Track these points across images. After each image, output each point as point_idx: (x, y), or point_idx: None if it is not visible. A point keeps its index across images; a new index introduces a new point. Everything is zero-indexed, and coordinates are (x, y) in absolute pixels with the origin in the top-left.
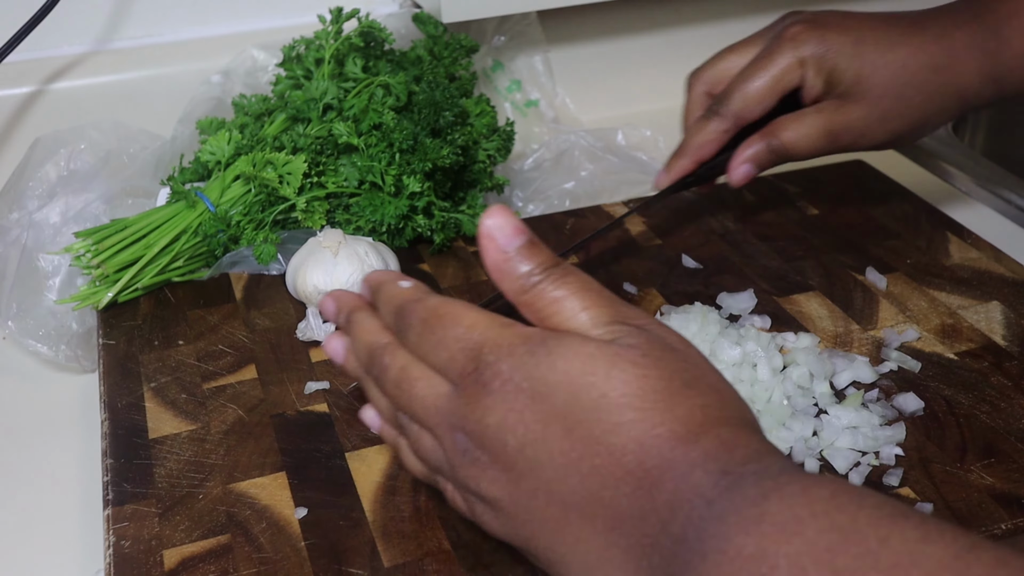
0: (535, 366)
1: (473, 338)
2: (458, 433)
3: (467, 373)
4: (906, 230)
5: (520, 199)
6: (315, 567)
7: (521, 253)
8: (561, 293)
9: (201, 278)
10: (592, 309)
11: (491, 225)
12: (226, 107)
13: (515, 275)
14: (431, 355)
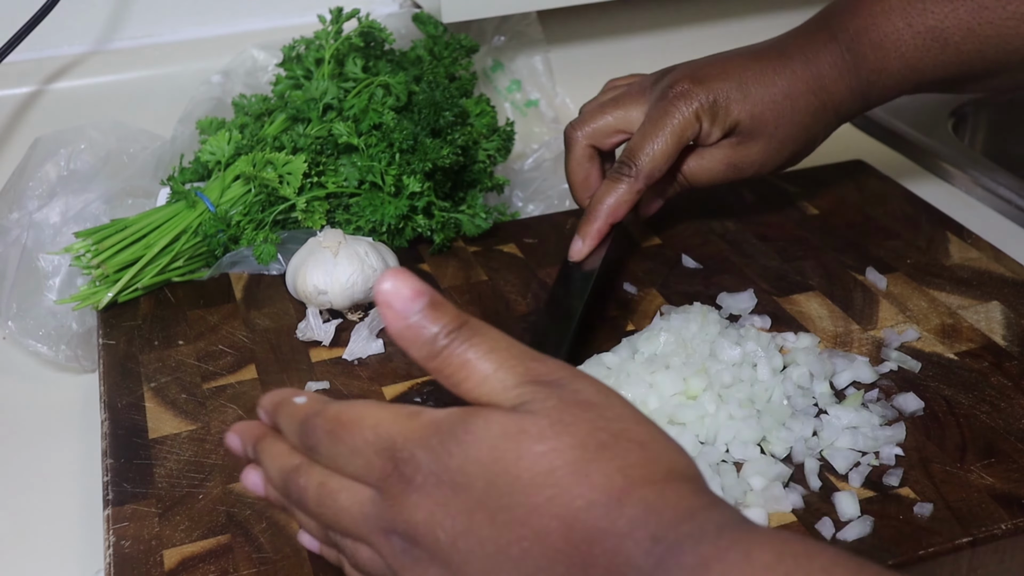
0: (449, 456)
1: (383, 438)
2: (392, 536)
3: (387, 474)
4: (906, 230)
5: (520, 199)
6: (315, 567)
7: (423, 317)
8: (470, 355)
9: (201, 278)
10: (501, 371)
11: (387, 291)
12: (226, 107)
13: (420, 341)
14: (346, 466)
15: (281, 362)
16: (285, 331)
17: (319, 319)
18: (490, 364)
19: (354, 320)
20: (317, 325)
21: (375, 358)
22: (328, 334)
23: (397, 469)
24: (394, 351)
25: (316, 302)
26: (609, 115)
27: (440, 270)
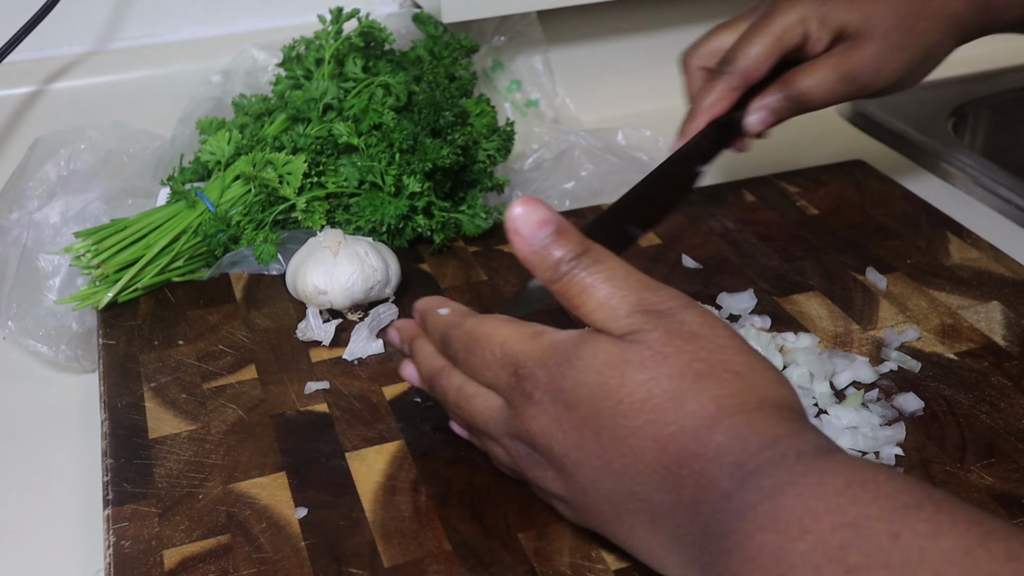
0: (563, 377)
1: (508, 355)
2: (516, 441)
3: (511, 387)
4: (906, 230)
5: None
6: (315, 567)
7: (550, 243)
8: (588, 281)
9: (201, 278)
10: (615, 298)
11: (517, 216)
12: (226, 107)
13: (545, 265)
14: (478, 374)
15: (281, 362)
16: (285, 331)
17: (319, 319)
18: (606, 291)
19: (354, 320)
20: (317, 325)
21: (375, 358)
22: (328, 334)
23: (519, 384)
24: (394, 351)
25: (316, 302)
26: (719, 37)
27: (440, 270)
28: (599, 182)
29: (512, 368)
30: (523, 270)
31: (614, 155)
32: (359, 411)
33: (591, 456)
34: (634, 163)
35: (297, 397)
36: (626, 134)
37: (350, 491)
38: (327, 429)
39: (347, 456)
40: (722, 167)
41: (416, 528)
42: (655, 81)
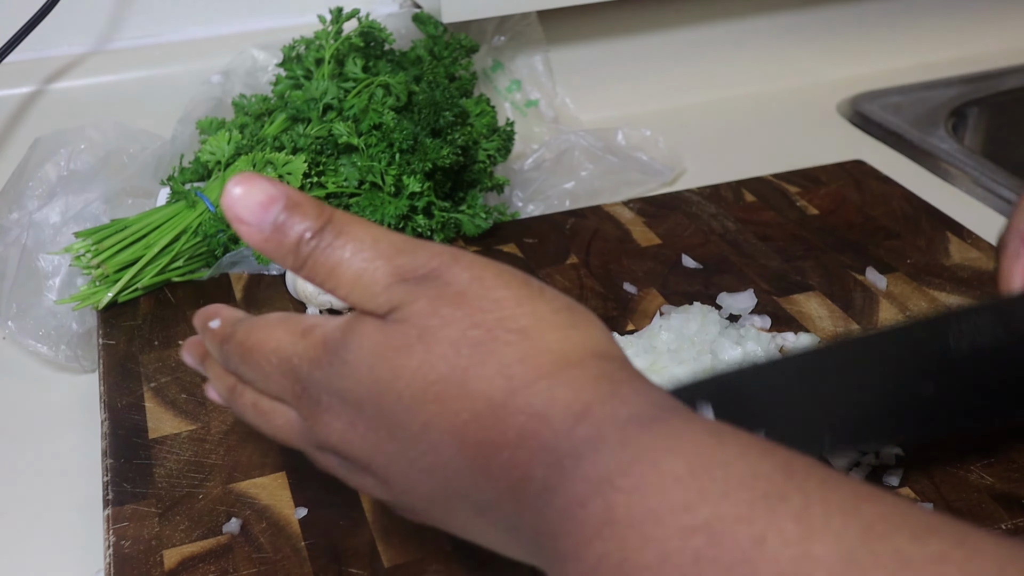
0: (339, 378)
1: (284, 360)
2: (326, 452)
3: (298, 396)
4: (906, 230)
5: (520, 199)
6: (315, 567)
7: (282, 222)
8: (336, 257)
9: (201, 278)
10: (368, 272)
11: (236, 201)
12: (226, 107)
13: (284, 251)
14: (264, 389)
15: None
16: None
17: None
18: (357, 265)
19: None
20: None
21: None
22: None
23: (305, 391)
24: None
25: (316, 302)
26: None
27: None
28: (599, 182)
29: (292, 375)
30: (560, 255)
31: (614, 155)
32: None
33: (394, 458)
34: (634, 163)
35: None
36: (626, 134)
37: (350, 491)
38: None
39: None
40: (722, 167)
41: (416, 528)
42: (655, 81)
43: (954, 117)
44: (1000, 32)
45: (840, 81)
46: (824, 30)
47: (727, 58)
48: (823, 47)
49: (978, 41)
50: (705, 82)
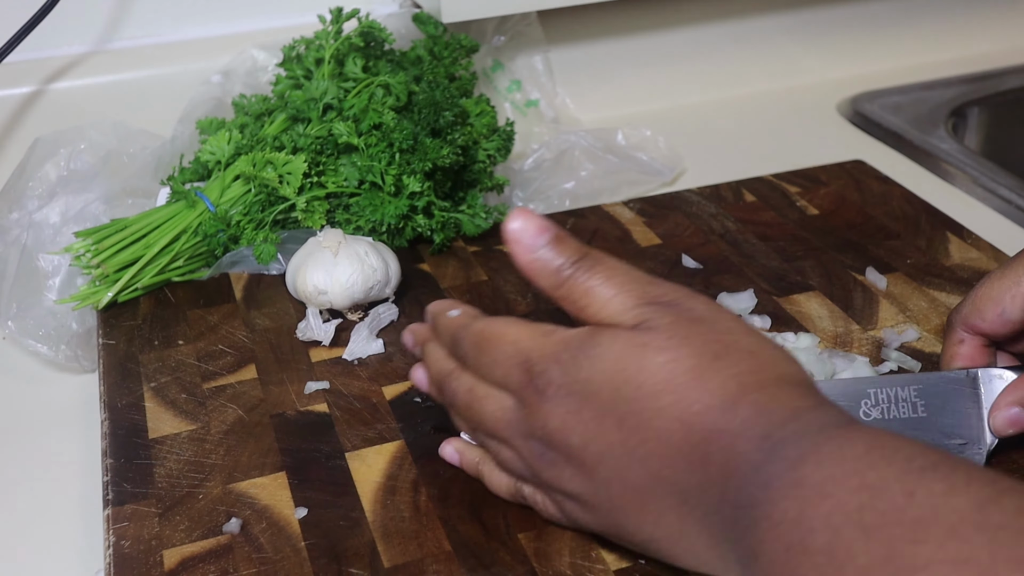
0: (578, 369)
1: (521, 352)
2: (531, 441)
3: (524, 384)
4: (906, 230)
5: (520, 199)
6: (315, 567)
7: (549, 250)
8: (592, 283)
9: (201, 278)
10: (620, 295)
11: (515, 229)
12: (226, 107)
13: (546, 273)
14: (489, 375)
15: (281, 362)
16: (285, 331)
17: (319, 319)
18: (611, 289)
19: (354, 320)
20: (317, 325)
21: (375, 358)
22: (328, 334)
23: (532, 381)
24: (394, 351)
25: (316, 302)
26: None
27: (440, 270)
28: (599, 182)
29: (524, 366)
30: None
31: (614, 155)
32: (359, 411)
33: (613, 445)
34: (634, 163)
35: (297, 397)
36: (626, 134)
37: (350, 491)
38: (327, 429)
39: (347, 456)
40: (722, 167)
41: (416, 528)
42: (655, 81)
43: (954, 117)
44: (1000, 32)
45: (840, 81)
46: (824, 30)
47: (727, 58)
48: (823, 47)
49: (978, 41)
50: (705, 82)
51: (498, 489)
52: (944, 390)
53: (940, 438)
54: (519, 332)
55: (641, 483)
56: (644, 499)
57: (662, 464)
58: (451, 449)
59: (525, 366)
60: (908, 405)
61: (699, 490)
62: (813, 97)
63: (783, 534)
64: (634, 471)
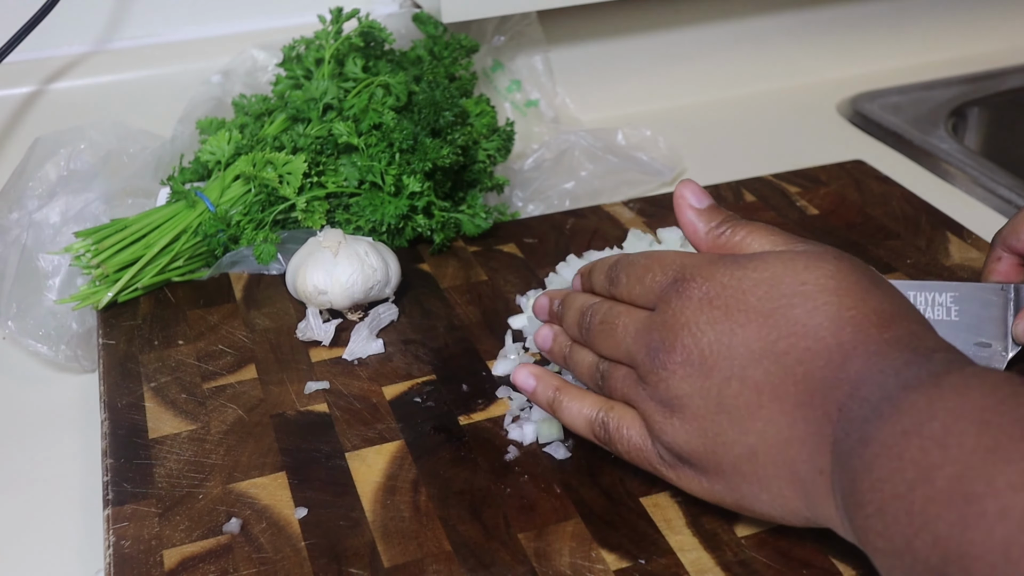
0: (738, 267)
1: (676, 262)
2: (653, 341)
3: (666, 287)
4: (906, 230)
5: (520, 199)
6: (315, 567)
7: (709, 211)
8: (747, 235)
9: (201, 278)
10: (778, 239)
11: (684, 190)
12: (226, 107)
13: (705, 227)
14: (638, 287)
15: (281, 362)
16: (285, 331)
17: (319, 319)
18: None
19: (354, 320)
20: (317, 325)
21: (375, 358)
22: (328, 334)
23: (677, 281)
24: (394, 351)
25: (316, 302)
26: None
27: (440, 270)
28: (599, 182)
29: (675, 272)
30: (560, 255)
31: (614, 155)
32: (359, 411)
33: (750, 339)
34: (634, 163)
35: (297, 397)
36: (626, 134)
37: (350, 491)
38: (327, 429)
39: (347, 456)
40: (722, 167)
41: (416, 528)
42: (655, 81)
43: (954, 117)
44: (1000, 32)
45: (840, 81)
46: (824, 30)
47: (727, 58)
48: (823, 47)
49: (978, 41)
50: (705, 82)
51: (575, 419)
52: (978, 298)
53: (968, 339)
54: (682, 251)
55: (766, 380)
56: (760, 400)
57: (799, 358)
58: (527, 373)
59: (677, 271)
60: (943, 309)
61: (829, 387)
62: (813, 97)
63: (907, 421)
64: (763, 367)
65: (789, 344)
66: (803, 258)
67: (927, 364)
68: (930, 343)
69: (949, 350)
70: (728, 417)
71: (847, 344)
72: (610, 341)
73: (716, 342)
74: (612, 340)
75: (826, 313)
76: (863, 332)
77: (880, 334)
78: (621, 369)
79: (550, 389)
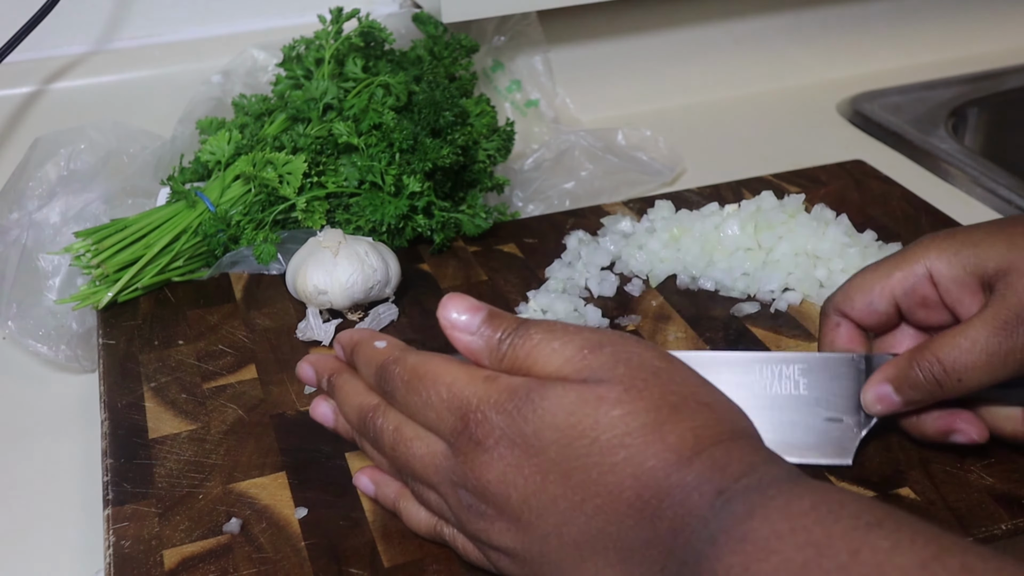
0: (524, 422)
1: (457, 396)
2: (460, 490)
3: (458, 432)
4: (906, 230)
5: (520, 199)
6: (315, 567)
7: (485, 326)
8: (532, 342)
9: (201, 278)
10: (565, 346)
11: (449, 314)
12: (226, 107)
13: (488, 348)
14: (419, 415)
15: (281, 362)
16: (285, 331)
17: (319, 319)
18: (554, 342)
19: (354, 320)
20: (317, 325)
21: None
22: (328, 334)
23: (468, 428)
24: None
25: (316, 302)
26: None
27: (440, 270)
28: (599, 182)
29: (460, 412)
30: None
31: (614, 155)
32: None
33: (557, 500)
34: (634, 163)
35: (297, 397)
36: (626, 134)
37: (350, 491)
38: (327, 429)
39: (347, 456)
40: (722, 167)
41: None
42: (655, 81)
43: (954, 117)
44: (1000, 32)
45: (840, 81)
46: (824, 30)
47: (727, 58)
48: (823, 47)
49: (978, 41)
50: (705, 82)
51: (416, 527)
52: (828, 370)
53: (818, 413)
54: (457, 374)
55: (583, 539)
56: (584, 555)
57: (609, 520)
58: (367, 480)
59: (462, 411)
60: (791, 382)
61: (645, 546)
62: (813, 97)
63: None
64: (576, 526)
65: (595, 507)
66: (589, 407)
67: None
68: (735, 469)
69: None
70: (555, 567)
71: (652, 501)
72: (408, 469)
73: (523, 503)
74: (410, 469)
75: (624, 471)
76: (665, 482)
77: (683, 478)
78: (431, 495)
79: (390, 498)
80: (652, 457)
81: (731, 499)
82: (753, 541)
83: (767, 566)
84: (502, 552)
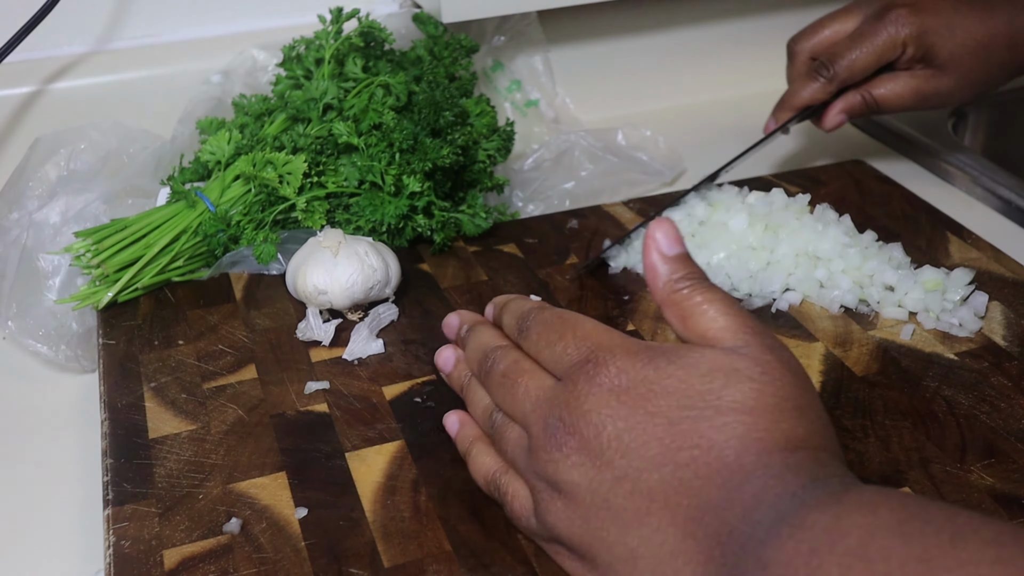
0: (653, 370)
1: (591, 336)
2: (552, 417)
3: (578, 364)
4: (906, 230)
5: (520, 199)
6: (315, 567)
7: (677, 261)
8: (704, 302)
9: (201, 278)
10: (730, 319)
11: (655, 233)
12: (226, 107)
13: (668, 277)
14: (547, 350)
15: (281, 362)
16: (285, 331)
17: (319, 319)
18: (721, 312)
19: (354, 320)
20: (317, 325)
21: (375, 358)
22: (328, 334)
23: (589, 362)
24: (394, 351)
25: (316, 302)
26: (827, 28)
27: (440, 270)
28: (599, 182)
29: (590, 349)
30: (560, 255)
31: (614, 155)
32: (359, 411)
33: (651, 443)
34: (634, 163)
35: (297, 397)
36: (626, 134)
37: (350, 491)
38: (327, 429)
39: (347, 456)
40: None
41: (416, 528)
42: (655, 81)
43: (954, 117)
44: None
45: None
46: None
47: (727, 58)
48: None
49: None
50: (705, 82)
51: (476, 472)
52: None
53: None
54: (599, 325)
55: (661, 488)
56: (652, 507)
57: (697, 473)
58: (455, 419)
59: (591, 349)
60: None
61: (722, 507)
62: None
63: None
64: (660, 474)
65: (690, 456)
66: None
67: (824, 487)
68: (831, 469)
69: (846, 475)
70: (612, 516)
71: (748, 466)
72: (508, 398)
73: (616, 438)
74: (511, 398)
75: (734, 431)
76: (767, 456)
77: (784, 459)
78: (514, 430)
79: (467, 439)
80: (764, 431)
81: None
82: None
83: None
84: (562, 492)
